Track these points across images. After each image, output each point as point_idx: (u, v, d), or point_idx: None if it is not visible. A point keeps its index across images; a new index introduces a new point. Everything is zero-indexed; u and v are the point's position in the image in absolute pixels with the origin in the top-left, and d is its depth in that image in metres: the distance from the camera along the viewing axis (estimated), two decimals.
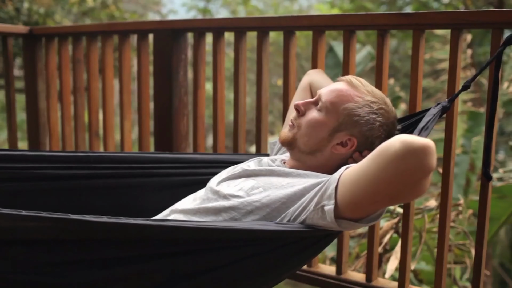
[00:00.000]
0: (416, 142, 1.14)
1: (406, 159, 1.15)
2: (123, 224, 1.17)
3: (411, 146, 1.14)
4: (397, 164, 1.16)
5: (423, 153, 1.14)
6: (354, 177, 1.26)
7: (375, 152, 1.23)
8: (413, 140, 1.14)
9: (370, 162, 1.23)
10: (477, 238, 1.84)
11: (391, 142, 1.18)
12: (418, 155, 1.14)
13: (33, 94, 2.95)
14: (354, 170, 1.28)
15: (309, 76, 1.96)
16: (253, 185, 1.47)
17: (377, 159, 1.20)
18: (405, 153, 1.14)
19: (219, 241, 1.29)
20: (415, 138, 1.15)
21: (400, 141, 1.16)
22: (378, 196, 1.24)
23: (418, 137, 1.17)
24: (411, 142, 1.14)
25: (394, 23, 1.89)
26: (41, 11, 5.72)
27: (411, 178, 1.17)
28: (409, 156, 1.15)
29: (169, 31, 2.40)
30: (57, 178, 1.80)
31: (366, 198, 1.25)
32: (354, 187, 1.25)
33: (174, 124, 2.46)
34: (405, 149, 1.14)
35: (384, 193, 1.23)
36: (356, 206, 1.28)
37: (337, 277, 2.15)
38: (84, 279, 1.21)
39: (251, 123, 8.84)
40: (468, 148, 4.83)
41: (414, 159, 1.14)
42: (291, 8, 13.22)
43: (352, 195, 1.26)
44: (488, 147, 1.71)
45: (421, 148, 1.14)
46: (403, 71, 9.14)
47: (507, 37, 1.59)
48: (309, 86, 1.93)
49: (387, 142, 1.20)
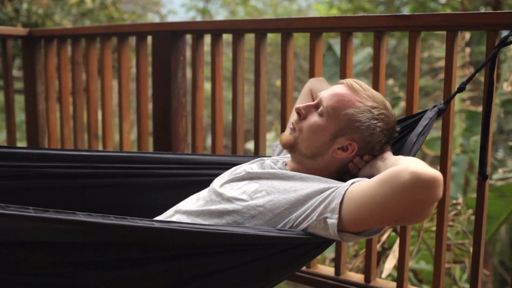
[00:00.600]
0: (425, 174, 1.15)
1: (415, 191, 1.16)
2: (129, 226, 1.18)
3: (420, 178, 1.15)
4: (405, 195, 1.18)
5: (431, 186, 1.15)
6: (360, 197, 1.27)
7: (383, 178, 1.24)
8: (423, 172, 1.15)
9: (377, 187, 1.24)
10: (474, 237, 1.85)
11: (400, 170, 1.19)
12: (427, 187, 1.16)
13: (32, 95, 2.96)
14: (360, 190, 1.29)
15: (310, 83, 1.98)
16: (256, 189, 1.48)
17: (385, 186, 1.22)
18: (414, 185, 1.16)
19: (223, 246, 1.31)
20: (424, 170, 1.16)
21: (409, 172, 1.17)
22: (383, 219, 1.26)
23: (427, 166, 1.19)
24: (420, 174, 1.15)
25: (391, 25, 1.90)
26: (40, 12, 5.72)
27: (417, 207, 1.19)
28: (417, 188, 1.16)
29: (168, 33, 2.41)
30: (61, 176, 1.81)
31: (371, 219, 1.28)
32: (359, 208, 1.27)
33: (173, 125, 2.47)
34: (415, 181, 1.16)
35: (389, 217, 1.25)
36: (360, 223, 1.30)
37: (335, 278, 2.16)
38: (88, 280, 1.22)
39: (249, 124, 8.87)
40: (467, 147, 4.84)
41: (422, 191, 1.16)
42: (290, 8, 13.23)
43: (357, 214, 1.28)
44: (484, 147, 1.72)
45: (430, 180, 1.15)
46: (401, 70, 9.16)
47: (502, 39, 1.60)
48: (310, 92, 1.94)
49: (396, 169, 1.21)
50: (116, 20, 6.69)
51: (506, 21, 1.66)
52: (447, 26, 1.78)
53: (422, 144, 1.52)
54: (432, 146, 5.08)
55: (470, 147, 4.72)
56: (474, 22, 1.73)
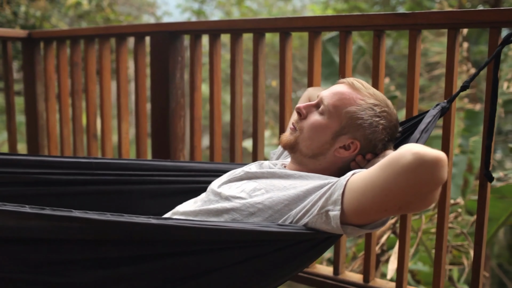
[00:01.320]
0: (428, 154, 1.12)
1: (418, 172, 1.13)
2: (126, 222, 1.17)
3: (423, 159, 1.12)
4: (408, 176, 1.14)
5: (435, 166, 1.12)
6: (362, 185, 1.24)
7: (384, 162, 1.20)
8: (425, 153, 1.12)
9: (379, 171, 1.21)
10: (476, 239, 1.83)
11: (402, 153, 1.16)
12: (430, 168, 1.12)
13: (32, 97, 2.96)
14: (362, 178, 1.26)
15: (308, 92, 1.97)
16: (255, 187, 1.46)
17: (387, 170, 1.18)
18: (417, 166, 1.12)
19: (222, 242, 1.29)
20: (427, 150, 1.13)
21: (412, 153, 1.13)
22: (386, 205, 1.22)
23: (429, 148, 1.15)
24: (423, 155, 1.12)
25: (391, 23, 1.89)
26: (38, 15, 5.72)
27: (421, 190, 1.16)
28: (420, 169, 1.13)
29: (166, 34, 2.41)
30: (59, 183, 1.82)
31: (374, 207, 1.24)
32: (361, 196, 1.24)
33: (171, 126, 2.46)
34: (417, 161, 1.12)
35: (393, 203, 1.21)
36: (363, 213, 1.27)
37: (334, 278, 2.16)
38: (86, 278, 1.22)
39: (246, 124, 8.86)
40: (466, 148, 4.82)
41: (426, 172, 1.13)
42: (285, 9, 13.23)
43: (359, 203, 1.24)
44: (488, 147, 1.71)
45: (433, 160, 1.12)
46: (398, 70, 9.16)
47: (506, 36, 1.59)
48: (308, 99, 1.93)
49: (398, 152, 1.18)
50: (113, 22, 6.69)
51: (508, 18, 1.64)
52: (448, 24, 1.77)
53: (426, 141, 1.50)
54: (430, 145, 5.05)
55: (469, 148, 4.71)
56: (476, 19, 1.72)
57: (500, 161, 6.66)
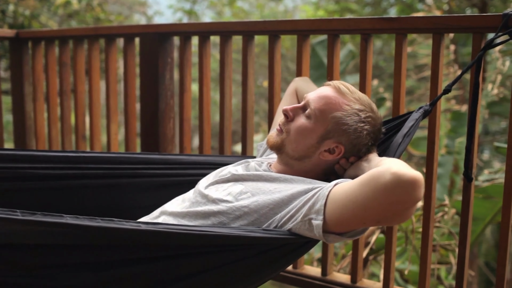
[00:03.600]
0: (406, 175, 1.18)
1: (396, 192, 1.19)
2: (116, 228, 1.19)
3: (401, 179, 1.18)
4: (386, 195, 1.20)
5: (412, 186, 1.18)
6: (343, 198, 1.29)
7: (365, 178, 1.26)
8: (404, 174, 1.18)
9: (360, 188, 1.26)
10: (460, 239, 1.87)
11: (382, 171, 1.21)
12: (408, 188, 1.18)
13: (20, 96, 2.95)
14: (344, 191, 1.31)
15: (295, 83, 1.99)
16: (241, 190, 1.49)
17: (367, 187, 1.24)
18: (395, 186, 1.18)
19: (208, 246, 1.33)
20: (405, 171, 1.18)
21: (390, 173, 1.19)
22: (365, 219, 1.29)
23: (408, 168, 1.21)
24: (401, 175, 1.18)
25: (377, 28, 1.92)
26: (27, 13, 5.70)
27: (398, 207, 1.22)
28: (398, 189, 1.18)
29: (155, 35, 2.42)
30: (48, 178, 1.81)
31: (354, 219, 1.30)
32: (342, 208, 1.29)
33: (160, 126, 2.47)
34: (395, 182, 1.18)
35: (371, 217, 1.28)
36: (343, 224, 1.32)
37: (322, 278, 2.18)
38: (76, 281, 1.23)
39: (237, 124, 8.87)
40: (452, 148, 4.87)
41: (404, 192, 1.19)
42: (276, 9, 13.26)
43: (340, 215, 1.30)
44: (470, 149, 1.75)
45: (410, 181, 1.18)
46: (387, 71, 9.21)
47: (487, 42, 1.63)
48: (295, 92, 1.95)
49: (378, 170, 1.23)
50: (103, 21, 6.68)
51: (491, 24, 1.67)
52: (433, 29, 1.80)
53: (408, 145, 1.54)
54: (417, 146, 5.11)
55: (455, 149, 4.76)
56: (460, 25, 1.75)
57: (487, 161, 6.72)
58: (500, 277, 1.79)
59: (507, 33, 1.61)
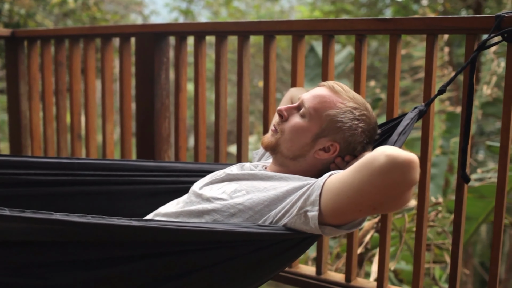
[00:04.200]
0: (400, 156, 1.17)
1: (391, 173, 1.18)
2: (107, 225, 1.19)
3: (395, 161, 1.17)
4: (382, 178, 1.19)
5: (407, 167, 1.18)
6: (338, 186, 1.29)
7: (359, 164, 1.25)
8: (398, 155, 1.18)
9: (354, 173, 1.25)
10: (453, 238, 1.88)
11: (376, 155, 1.21)
12: (403, 169, 1.18)
13: (15, 96, 2.95)
14: (338, 179, 1.30)
15: (290, 93, 2.00)
16: (235, 188, 1.49)
17: (362, 172, 1.23)
18: (390, 168, 1.18)
19: (203, 243, 1.32)
20: (400, 152, 1.18)
21: (385, 155, 1.19)
22: (361, 206, 1.27)
23: (402, 150, 1.20)
24: (396, 157, 1.17)
25: (372, 29, 1.93)
26: (22, 12, 5.68)
27: (394, 191, 1.21)
28: (393, 171, 1.18)
29: (151, 35, 2.42)
30: (41, 184, 1.81)
31: (350, 207, 1.28)
32: (337, 197, 1.28)
33: (156, 126, 2.48)
34: (390, 163, 1.18)
35: (368, 203, 1.26)
36: (340, 214, 1.31)
37: (317, 277, 2.18)
38: (67, 280, 1.23)
39: (233, 124, 8.87)
40: (446, 149, 4.90)
41: (399, 173, 1.18)
42: (273, 10, 13.26)
43: (335, 204, 1.29)
44: (465, 149, 1.76)
45: (405, 162, 1.17)
46: (383, 72, 9.22)
47: (480, 43, 1.64)
48: (291, 100, 1.96)
49: (372, 154, 1.23)
50: (99, 21, 6.67)
51: (484, 25, 1.69)
52: (426, 30, 1.81)
53: (403, 144, 1.55)
54: (411, 146, 5.14)
55: (450, 149, 4.78)
56: (454, 26, 1.77)
57: (482, 161, 6.74)
58: (493, 276, 1.80)
59: (500, 34, 1.63)
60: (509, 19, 1.62)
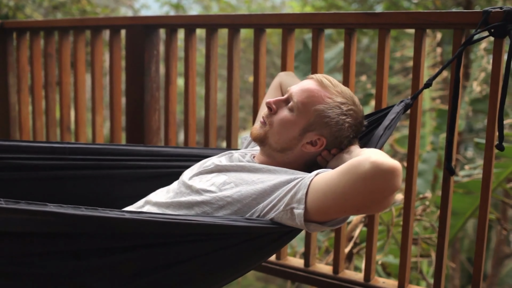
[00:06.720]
0: (384, 164, 1.21)
1: (375, 180, 1.22)
2: (100, 217, 1.21)
3: (379, 168, 1.21)
4: (366, 183, 1.24)
5: (391, 175, 1.22)
6: (324, 188, 1.32)
7: (345, 168, 1.29)
8: (382, 162, 1.21)
9: (340, 176, 1.29)
10: (439, 230, 1.91)
11: (361, 160, 1.25)
12: (386, 176, 1.22)
13: (4, 88, 2.94)
14: (325, 180, 1.34)
15: (279, 78, 2.01)
16: (224, 180, 1.51)
17: (347, 176, 1.27)
18: (374, 174, 1.22)
19: (191, 235, 1.34)
20: (384, 160, 1.22)
21: (369, 162, 1.22)
22: (345, 207, 1.32)
23: (387, 157, 1.24)
24: (380, 164, 1.21)
25: (361, 22, 1.94)
26: (11, 4, 5.65)
27: (377, 196, 1.25)
28: (377, 177, 1.22)
29: (141, 27, 2.42)
30: (32, 168, 1.82)
31: (334, 208, 1.33)
32: (323, 197, 1.32)
33: (146, 119, 2.48)
34: (374, 170, 1.22)
35: (351, 206, 1.31)
36: (324, 212, 1.35)
37: (305, 269, 2.21)
38: (58, 269, 1.24)
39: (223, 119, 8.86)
40: (436, 145, 4.94)
41: (382, 180, 1.22)
42: (264, 5, 13.24)
43: (320, 203, 1.33)
44: (450, 142, 1.78)
45: (389, 170, 1.21)
46: (374, 68, 9.25)
47: (468, 38, 1.66)
48: (280, 86, 1.98)
49: (358, 159, 1.27)
50: (89, 14, 6.63)
51: (472, 20, 1.71)
52: (415, 24, 1.83)
53: (389, 138, 1.57)
54: (403, 144, 5.18)
55: (440, 145, 4.82)
56: (441, 20, 1.79)
57: (471, 158, 6.79)
58: (477, 268, 1.83)
59: (487, 29, 1.64)
60: (496, 14, 1.64)
